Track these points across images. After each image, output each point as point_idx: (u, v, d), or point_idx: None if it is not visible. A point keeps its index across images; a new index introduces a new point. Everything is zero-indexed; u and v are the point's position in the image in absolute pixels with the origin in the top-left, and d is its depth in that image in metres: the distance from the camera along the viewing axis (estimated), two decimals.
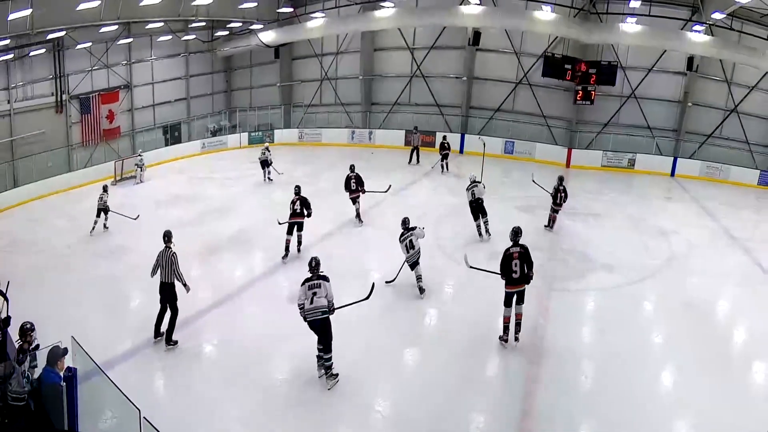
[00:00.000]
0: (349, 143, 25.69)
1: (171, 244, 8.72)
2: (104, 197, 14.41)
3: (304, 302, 7.52)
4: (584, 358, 8.58)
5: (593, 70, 21.32)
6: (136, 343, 8.63)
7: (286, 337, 8.78)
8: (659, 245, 13.64)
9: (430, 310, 10.11)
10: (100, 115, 22.29)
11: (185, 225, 14.51)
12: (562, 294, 10.80)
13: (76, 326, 8.20)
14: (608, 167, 22.28)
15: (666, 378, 8.16)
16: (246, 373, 7.87)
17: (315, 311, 7.47)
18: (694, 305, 10.31)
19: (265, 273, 11.62)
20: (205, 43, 26.01)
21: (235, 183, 19.20)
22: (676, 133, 22.43)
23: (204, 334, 9.12)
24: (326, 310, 7.48)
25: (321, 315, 7.47)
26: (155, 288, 8.71)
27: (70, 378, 5.38)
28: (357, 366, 8.10)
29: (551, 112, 23.98)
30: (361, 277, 11.49)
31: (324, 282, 7.55)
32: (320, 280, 7.57)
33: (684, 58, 21.04)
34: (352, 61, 26.72)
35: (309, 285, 7.56)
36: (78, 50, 20.68)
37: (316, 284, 7.53)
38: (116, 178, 19.59)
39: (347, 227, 14.21)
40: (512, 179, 20.53)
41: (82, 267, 11.81)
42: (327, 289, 7.51)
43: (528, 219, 15.45)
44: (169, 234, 8.83)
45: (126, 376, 7.20)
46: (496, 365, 8.54)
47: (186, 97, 26.58)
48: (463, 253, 10.28)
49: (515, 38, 23.80)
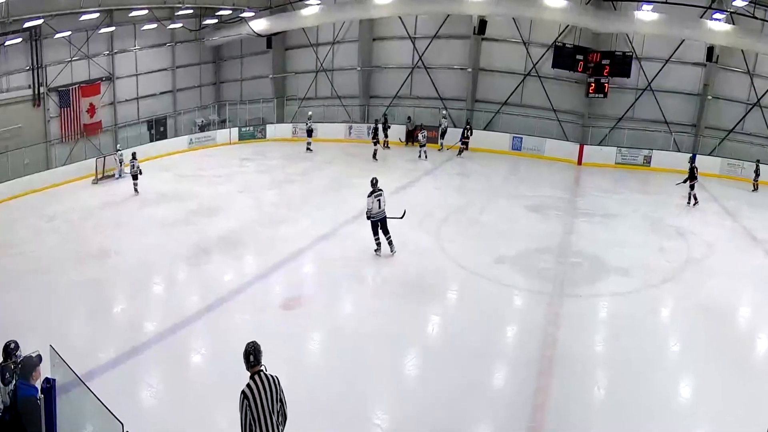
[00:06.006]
0: (346, 139, 25.70)
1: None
2: (135, 164, 17.79)
3: (372, 207, 11.88)
4: (597, 368, 8.56)
5: (607, 61, 21.33)
6: (119, 351, 8.60)
7: (279, 346, 8.75)
8: (676, 247, 13.64)
9: (432, 316, 10.11)
10: (80, 108, 22.25)
11: (172, 225, 14.52)
12: (573, 299, 10.79)
13: (55, 334, 8.19)
14: (623, 165, 22.30)
15: (684, 389, 8.15)
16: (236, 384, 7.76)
17: (381, 212, 12.02)
18: (713, 310, 10.29)
19: (258, 276, 11.60)
20: (193, 32, 25.99)
21: (225, 181, 19.19)
22: (695, 129, 22.43)
23: (191, 342, 9.12)
24: (397, 218, 12.20)
25: (384, 214, 12.07)
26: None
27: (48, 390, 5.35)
28: (355, 376, 8.09)
29: (562, 105, 23.99)
30: (359, 280, 11.54)
31: (383, 192, 12.10)
32: (381, 191, 12.03)
33: (703, 48, 21.06)
34: (350, 51, 26.71)
35: (375, 195, 11.94)
36: (57, 39, 20.63)
37: (379, 194, 11.99)
38: (97, 177, 19.57)
39: (343, 228, 14.22)
40: (519, 177, 20.57)
41: (62, 270, 11.78)
42: (385, 197, 12.11)
43: (538, 219, 15.47)
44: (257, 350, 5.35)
45: (108, 387, 7.16)
46: (502, 376, 8.54)
47: (172, 90, 26.55)
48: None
49: (523, 27, 23.80)
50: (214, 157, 23.17)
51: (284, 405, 5.24)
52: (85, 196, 17.82)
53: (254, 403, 4.99)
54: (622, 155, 22.48)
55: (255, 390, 5.03)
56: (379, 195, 12.12)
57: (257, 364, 5.14)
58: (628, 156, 22.42)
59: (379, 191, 12.14)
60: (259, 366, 5.14)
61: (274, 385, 5.12)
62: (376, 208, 12.07)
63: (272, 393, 5.09)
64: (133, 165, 17.96)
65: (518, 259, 12.46)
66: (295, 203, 16.65)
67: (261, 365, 5.15)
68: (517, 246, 13.17)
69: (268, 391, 5.06)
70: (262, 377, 5.11)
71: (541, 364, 8.48)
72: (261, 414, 5.00)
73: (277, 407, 5.14)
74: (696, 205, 17.21)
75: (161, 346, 8.77)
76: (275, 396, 5.11)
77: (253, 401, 4.99)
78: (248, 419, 5.01)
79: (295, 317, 9.92)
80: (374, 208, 12.04)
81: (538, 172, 21.06)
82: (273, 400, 5.08)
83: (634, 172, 21.53)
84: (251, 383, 5.08)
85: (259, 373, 5.12)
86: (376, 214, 12.08)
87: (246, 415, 5.02)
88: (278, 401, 5.15)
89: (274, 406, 5.08)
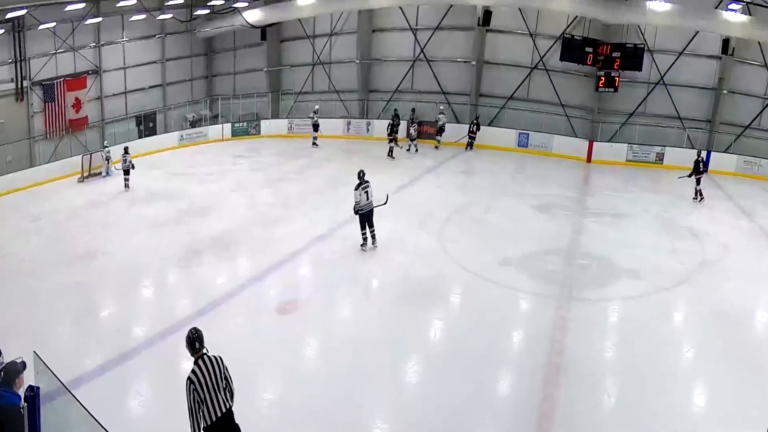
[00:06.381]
0: (344, 135, 25.71)
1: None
2: (128, 158, 18.04)
3: (360, 200, 12.17)
4: (606, 376, 8.57)
5: (617, 53, 21.31)
6: (106, 357, 8.61)
7: (274, 353, 8.78)
8: (690, 248, 13.65)
9: (435, 321, 10.12)
10: (65, 103, 22.28)
11: (162, 225, 14.55)
12: (581, 303, 10.81)
13: (39, 339, 8.21)
14: (634, 162, 22.30)
15: (698, 398, 8.15)
16: None
17: (369, 204, 12.33)
18: (728, 314, 10.30)
19: (252, 279, 11.61)
20: (183, 23, 25.94)
21: (217, 179, 19.21)
22: (710, 124, 22.44)
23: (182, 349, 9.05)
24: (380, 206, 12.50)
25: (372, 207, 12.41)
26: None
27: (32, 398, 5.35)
28: (353, 383, 8.10)
29: (570, 100, 24.00)
30: (358, 283, 11.55)
31: (370, 184, 12.39)
32: (368, 183, 12.35)
33: (718, 39, 21.03)
34: (348, 43, 26.72)
35: (362, 188, 12.23)
36: (41, 31, 20.64)
37: (366, 186, 12.31)
38: (83, 175, 19.58)
39: (342, 229, 14.22)
40: (526, 175, 20.58)
41: (46, 272, 11.79)
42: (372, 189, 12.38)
43: (545, 219, 15.48)
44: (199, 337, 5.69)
45: (95, 395, 7.17)
46: (507, 383, 8.55)
47: (162, 84, 26.56)
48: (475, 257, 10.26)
49: (530, 17, 23.81)
50: (205, 154, 23.20)
51: (230, 382, 5.64)
52: (71, 194, 17.83)
53: (200, 386, 5.37)
54: (633, 152, 22.48)
55: (200, 373, 5.42)
56: (367, 187, 12.41)
57: (201, 348, 5.52)
58: (639, 153, 22.43)
59: (366, 183, 12.43)
60: (202, 350, 5.52)
61: (217, 365, 5.51)
62: (364, 200, 12.35)
63: (216, 373, 5.48)
64: (125, 159, 18.17)
65: (524, 261, 12.47)
66: (290, 202, 16.67)
67: (204, 349, 5.53)
68: (523, 247, 13.18)
69: (212, 372, 5.45)
70: (206, 360, 5.49)
71: (547, 372, 8.49)
72: (207, 395, 5.40)
73: (223, 385, 5.53)
74: (702, 201, 17.28)
75: (150, 352, 8.77)
76: (219, 374, 5.50)
77: (198, 385, 5.37)
78: (195, 402, 5.39)
79: (291, 322, 9.93)
80: (362, 201, 12.32)
81: (545, 170, 21.07)
82: (218, 378, 5.48)
83: (645, 170, 21.54)
84: (195, 368, 5.44)
85: (202, 356, 5.50)
86: (364, 206, 12.38)
87: (193, 398, 5.38)
88: (223, 379, 5.54)
89: (219, 384, 5.48)
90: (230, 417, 5.57)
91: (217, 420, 5.42)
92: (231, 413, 5.59)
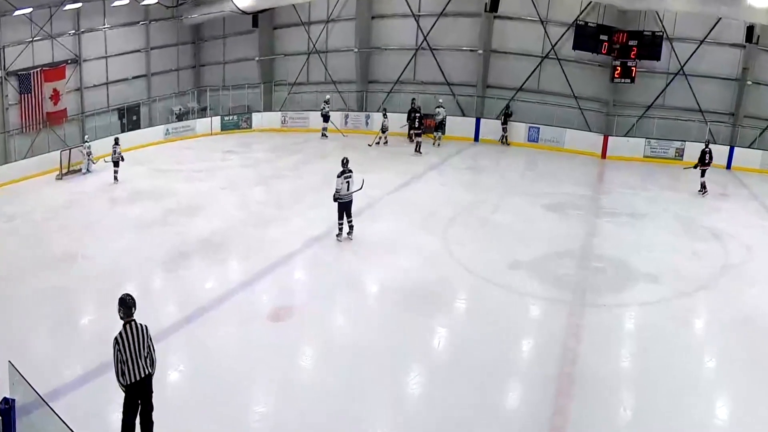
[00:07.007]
0: (342, 129, 25.71)
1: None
2: (117, 150, 18.51)
3: (341, 188, 12.64)
4: (622, 387, 8.57)
5: (634, 41, 21.37)
6: (86, 368, 8.61)
7: (266, 362, 8.78)
8: (712, 250, 13.66)
9: (439, 328, 10.12)
10: (42, 95, 22.29)
11: (147, 226, 14.54)
12: (596, 310, 10.80)
13: (15, 348, 8.18)
14: (652, 158, 22.36)
15: (721, 410, 8.15)
16: (219, 404, 7.85)
17: (349, 195, 12.81)
18: (753, 322, 10.29)
19: (243, 283, 11.61)
20: (169, 8, 26.05)
21: (206, 177, 19.23)
22: (733, 118, 22.47)
23: (169, 358, 9.11)
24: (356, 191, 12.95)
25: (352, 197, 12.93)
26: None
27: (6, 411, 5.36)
28: (351, 395, 8.10)
29: (584, 92, 24.04)
30: (356, 287, 11.55)
31: (354, 174, 12.87)
32: (351, 172, 12.80)
33: (742, 27, 21.06)
34: (346, 30, 26.77)
35: (345, 176, 12.69)
36: (16, 17, 20.65)
37: (349, 175, 12.76)
38: (62, 172, 19.58)
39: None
40: (537, 172, 20.60)
41: (22, 276, 11.79)
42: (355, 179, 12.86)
43: (557, 219, 15.50)
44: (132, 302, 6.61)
45: (75, 408, 7.20)
46: (517, 395, 8.56)
47: (146, 74, 26.62)
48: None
49: (541, 3, 23.86)
50: (193, 149, 23.22)
51: (152, 351, 6.60)
52: (49, 193, 17.83)
53: (123, 347, 6.35)
54: (651, 147, 22.52)
55: (126, 336, 6.38)
56: (349, 176, 12.89)
57: (131, 314, 6.48)
58: (657, 148, 22.47)
59: (349, 172, 12.91)
60: (132, 316, 6.48)
61: (143, 333, 6.49)
62: (345, 189, 12.83)
63: (141, 340, 6.44)
64: (115, 151, 18.62)
65: (535, 265, 12.48)
66: (284, 201, 16.68)
67: (133, 316, 6.49)
68: (533, 249, 13.19)
69: (137, 338, 6.41)
70: (134, 326, 6.45)
71: (559, 383, 8.49)
72: (129, 356, 6.35)
73: (145, 353, 6.48)
74: (705, 194, 17.60)
75: None
76: (144, 343, 6.46)
77: (122, 345, 6.35)
78: (119, 360, 6.37)
79: (285, 329, 9.93)
80: (342, 190, 12.80)
81: (557, 167, 21.11)
82: (141, 346, 6.43)
83: (664, 167, 21.56)
84: (123, 331, 6.41)
85: (131, 322, 6.45)
86: (344, 195, 12.87)
87: (117, 358, 6.38)
88: (147, 348, 6.50)
89: (142, 351, 6.44)
90: (148, 382, 6.52)
91: (136, 382, 6.37)
92: (150, 379, 6.53)
